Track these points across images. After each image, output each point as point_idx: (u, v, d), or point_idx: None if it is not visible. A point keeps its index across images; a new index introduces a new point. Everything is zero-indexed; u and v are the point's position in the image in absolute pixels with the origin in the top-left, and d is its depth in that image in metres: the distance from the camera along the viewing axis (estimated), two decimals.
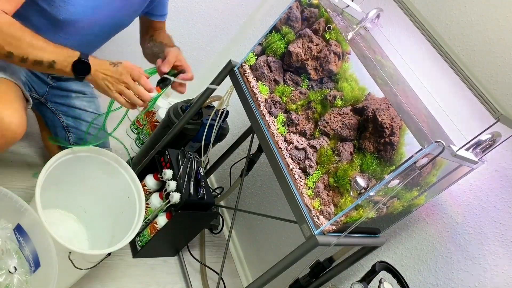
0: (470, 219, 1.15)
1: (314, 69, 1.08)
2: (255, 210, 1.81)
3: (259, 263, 1.77)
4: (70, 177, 1.21)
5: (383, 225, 1.16)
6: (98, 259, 1.09)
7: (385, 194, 0.92)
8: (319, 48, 1.08)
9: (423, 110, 1.09)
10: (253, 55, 1.25)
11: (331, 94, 1.03)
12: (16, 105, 0.99)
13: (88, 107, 1.38)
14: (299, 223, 0.99)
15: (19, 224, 0.95)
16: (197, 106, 1.38)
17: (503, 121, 0.92)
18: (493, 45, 1.19)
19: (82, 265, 1.05)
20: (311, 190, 1.00)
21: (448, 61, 1.04)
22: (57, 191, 1.22)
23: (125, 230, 1.15)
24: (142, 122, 1.87)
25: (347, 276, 1.40)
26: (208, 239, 1.76)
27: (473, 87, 1.00)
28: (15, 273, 0.90)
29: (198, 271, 1.61)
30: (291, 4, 1.17)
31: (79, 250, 0.99)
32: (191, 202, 1.35)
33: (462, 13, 1.27)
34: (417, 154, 0.83)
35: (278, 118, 1.13)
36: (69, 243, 0.96)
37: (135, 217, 1.19)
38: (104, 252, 1.05)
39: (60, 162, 1.11)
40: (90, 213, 1.33)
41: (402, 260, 1.27)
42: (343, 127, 0.98)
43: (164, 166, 1.43)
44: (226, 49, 2.09)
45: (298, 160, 1.05)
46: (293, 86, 1.13)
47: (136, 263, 1.45)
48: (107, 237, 1.26)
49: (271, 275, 1.01)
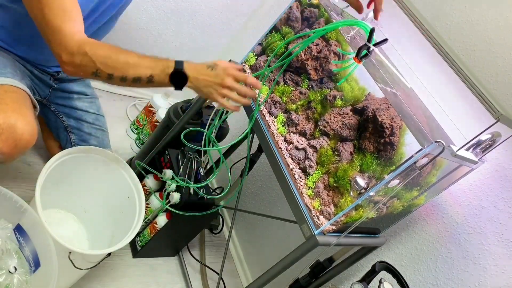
0: (470, 219, 1.15)
1: (314, 69, 1.08)
2: (255, 210, 1.81)
3: (259, 263, 1.77)
4: (70, 177, 1.21)
5: (383, 225, 1.16)
6: (98, 259, 1.09)
7: (385, 194, 0.92)
8: (319, 48, 1.08)
9: (423, 110, 1.09)
10: (253, 55, 1.25)
11: (331, 94, 1.03)
12: (27, 115, 0.98)
13: (90, 108, 1.38)
14: (299, 223, 0.99)
15: (19, 224, 0.95)
16: (197, 106, 1.38)
17: (503, 121, 0.92)
18: (493, 45, 1.19)
19: (82, 265, 1.04)
20: (311, 190, 1.00)
21: (448, 61, 1.04)
22: (57, 191, 1.22)
23: (125, 230, 1.15)
24: (142, 122, 1.87)
25: (347, 276, 1.40)
26: (208, 239, 1.76)
27: (473, 87, 1.00)
28: (15, 273, 0.90)
29: (198, 271, 1.61)
30: (291, 4, 1.17)
31: (79, 250, 0.99)
32: (191, 202, 1.35)
33: (462, 13, 1.27)
34: (417, 154, 0.83)
35: (278, 118, 1.13)
36: (69, 243, 0.96)
37: (135, 217, 1.19)
38: (104, 252, 1.05)
39: (60, 162, 1.11)
40: (90, 213, 1.33)
41: (402, 260, 1.27)
42: (343, 127, 0.98)
43: (164, 166, 1.43)
44: (226, 49, 2.09)
45: (298, 160, 1.05)
46: (293, 86, 1.12)
47: (136, 263, 1.45)
48: (107, 237, 1.26)
49: (271, 275, 1.01)
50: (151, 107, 1.85)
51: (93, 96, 1.42)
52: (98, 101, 1.44)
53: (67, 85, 1.33)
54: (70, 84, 1.34)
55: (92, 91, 1.43)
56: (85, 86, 1.40)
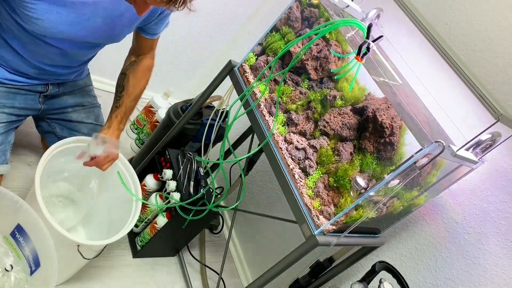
0: (470, 219, 1.15)
1: (314, 69, 1.08)
2: (255, 210, 1.81)
3: (259, 263, 1.77)
4: (66, 171, 1.23)
5: (383, 225, 1.16)
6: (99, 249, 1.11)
7: (385, 194, 0.92)
8: (319, 48, 1.08)
9: (423, 110, 1.09)
10: (253, 55, 1.25)
11: (331, 94, 1.03)
12: None
13: (86, 119, 1.35)
14: (299, 223, 0.99)
15: (19, 224, 0.95)
16: (197, 106, 1.38)
17: (503, 121, 0.92)
18: (493, 45, 1.19)
19: (87, 254, 1.07)
20: (311, 190, 1.00)
21: (448, 61, 1.04)
22: (54, 184, 1.23)
23: (122, 223, 1.16)
24: (142, 122, 1.87)
25: (347, 276, 1.40)
26: (208, 239, 1.76)
27: (473, 87, 1.00)
28: (12, 271, 0.90)
29: (198, 271, 1.61)
30: (291, 4, 1.17)
31: (89, 242, 1.02)
32: (191, 202, 1.35)
33: (462, 13, 1.27)
34: (417, 154, 0.83)
35: (278, 118, 1.13)
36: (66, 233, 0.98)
37: (132, 209, 1.20)
38: (111, 241, 1.07)
39: (55, 154, 1.12)
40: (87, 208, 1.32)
41: (402, 260, 1.27)
42: (343, 127, 0.98)
43: (164, 166, 1.43)
44: (226, 49, 2.09)
45: (298, 160, 1.05)
46: (293, 86, 1.12)
47: (136, 263, 1.45)
48: (104, 231, 1.27)
49: (271, 275, 1.01)
50: (151, 107, 1.85)
51: (92, 105, 1.39)
52: (97, 109, 1.40)
53: (59, 100, 1.30)
54: (63, 99, 1.30)
55: (92, 99, 1.39)
56: (83, 96, 1.36)
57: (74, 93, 1.34)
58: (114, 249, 1.41)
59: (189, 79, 2.18)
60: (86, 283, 1.26)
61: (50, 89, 1.24)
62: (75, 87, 1.33)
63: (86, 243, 1.03)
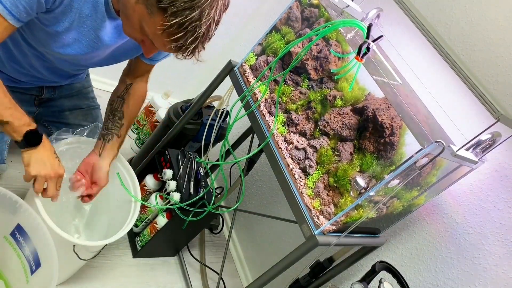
0: (470, 219, 1.15)
1: (314, 69, 1.08)
2: (255, 210, 1.81)
3: (259, 263, 1.77)
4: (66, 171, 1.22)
5: (383, 225, 1.16)
6: (98, 249, 1.11)
7: (385, 194, 0.92)
8: (319, 48, 1.08)
9: (423, 110, 1.09)
10: (253, 55, 1.25)
11: (331, 94, 1.03)
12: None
13: (84, 121, 1.34)
14: (299, 223, 0.99)
15: (19, 224, 0.95)
16: (197, 106, 1.38)
17: (503, 121, 0.92)
18: (493, 45, 1.19)
19: (84, 255, 1.06)
20: (311, 190, 1.00)
21: (448, 61, 1.04)
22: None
23: (121, 224, 1.16)
24: (142, 122, 1.87)
25: (347, 276, 1.40)
26: (208, 239, 1.76)
27: (473, 87, 1.00)
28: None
29: (198, 271, 1.61)
30: (291, 4, 1.17)
31: (84, 243, 1.01)
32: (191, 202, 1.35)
33: (462, 13, 1.27)
34: (417, 154, 0.83)
35: (278, 118, 1.13)
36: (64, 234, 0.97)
37: (130, 209, 1.20)
38: (108, 241, 1.06)
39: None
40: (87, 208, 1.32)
41: (402, 260, 1.27)
42: (343, 127, 0.98)
43: (164, 166, 1.43)
44: (226, 49, 2.09)
45: (298, 160, 1.05)
46: (293, 86, 1.12)
47: (136, 263, 1.45)
48: (103, 231, 1.27)
49: (271, 275, 1.01)
50: (151, 107, 1.85)
51: (91, 107, 1.37)
52: (96, 111, 1.39)
53: (55, 103, 1.28)
54: (60, 101, 1.29)
55: (90, 102, 1.38)
56: (80, 99, 1.34)
57: (71, 96, 1.32)
58: (114, 249, 1.41)
59: (189, 79, 2.18)
60: (86, 283, 1.26)
61: (45, 93, 1.23)
62: (72, 90, 1.31)
63: (81, 243, 1.02)
